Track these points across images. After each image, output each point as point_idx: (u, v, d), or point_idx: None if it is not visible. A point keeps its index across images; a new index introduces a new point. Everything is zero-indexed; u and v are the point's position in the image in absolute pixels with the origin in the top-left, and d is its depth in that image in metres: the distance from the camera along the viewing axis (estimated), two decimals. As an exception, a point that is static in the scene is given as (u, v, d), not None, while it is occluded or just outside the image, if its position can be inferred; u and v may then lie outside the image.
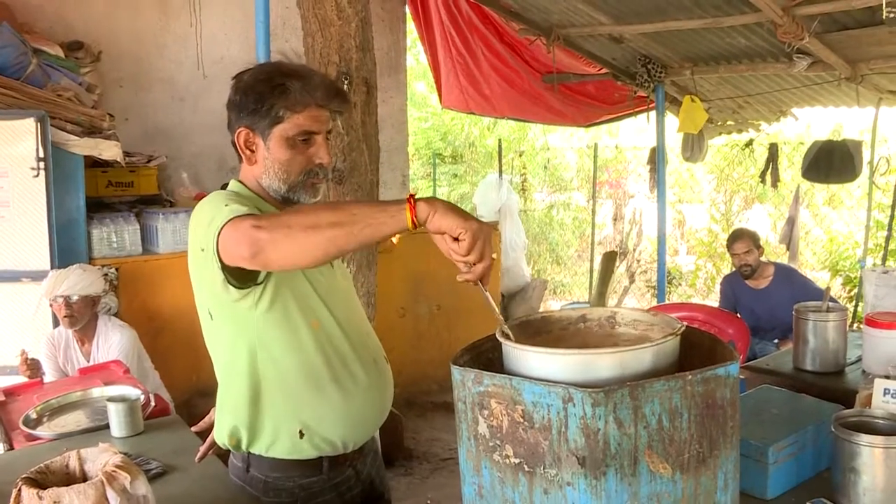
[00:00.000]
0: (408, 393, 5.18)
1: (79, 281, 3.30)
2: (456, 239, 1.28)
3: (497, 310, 1.40)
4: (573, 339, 1.51)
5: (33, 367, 3.19)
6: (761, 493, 1.70)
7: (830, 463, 1.71)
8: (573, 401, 1.18)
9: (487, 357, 1.48)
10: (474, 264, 1.28)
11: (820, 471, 1.80)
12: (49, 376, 3.39)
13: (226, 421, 1.70)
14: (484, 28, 6.12)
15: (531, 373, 1.28)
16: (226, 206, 1.48)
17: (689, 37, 5.11)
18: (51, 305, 3.40)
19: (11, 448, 2.30)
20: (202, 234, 1.51)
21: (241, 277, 1.52)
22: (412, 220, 1.28)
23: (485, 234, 1.27)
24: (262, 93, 1.63)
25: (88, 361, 3.39)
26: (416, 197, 1.30)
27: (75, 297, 3.30)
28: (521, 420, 1.24)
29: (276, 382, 1.64)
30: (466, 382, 1.32)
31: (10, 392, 2.66)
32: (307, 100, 1.62)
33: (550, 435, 1.21)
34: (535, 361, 1.29)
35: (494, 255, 1.31)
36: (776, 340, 4.49)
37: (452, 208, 1.29)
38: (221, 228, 1.42)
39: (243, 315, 1.61)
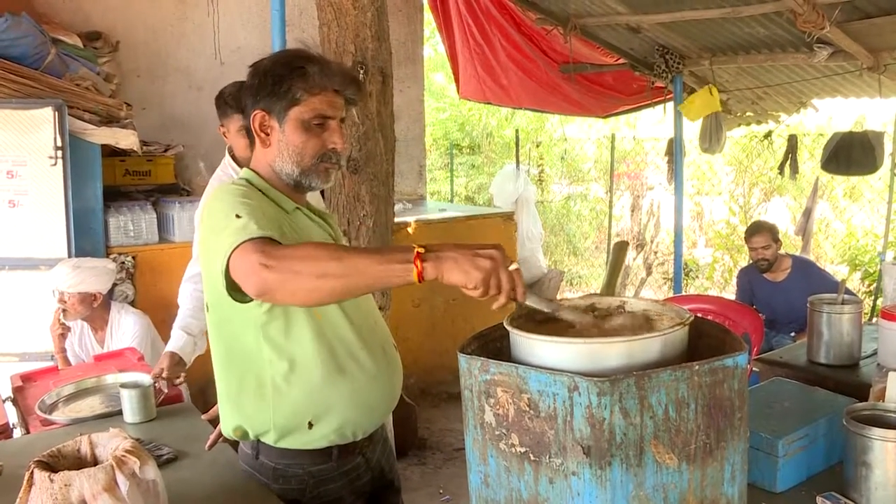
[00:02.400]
0: (422, 383, 5.19)
1: (68, 277, 3.33)
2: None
3: (546, 308, 1.39)
4: (582, 328, 1.50)
5: (62, 327, 3.33)
6: (770, 486, 1.69)
7: (842, 457, 1.70)
8: (578, 390, 1.18)
9: (496, 346, 1.48)
10: (497, 295, 1.27)
11: (831, 464, 1.78)
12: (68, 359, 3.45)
13: (230, 415, 1.71)
14: (501, 17, 6.08)
15: (538, 361, 1.28)
16: (237, 216, 1.47)
17: (707, 26, 5.06)
18: None
19: (28, 432, 2.33)
20: (209, 235, 1.53)
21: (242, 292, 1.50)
22: (419, 280, 1.28)
23: (494, 268, 1.26)
24: (282, 75, 1.64)
25: (103, 348, 3.43)
26: (425, 253, 1.27)
27: (67, 292, 3.35)
28: (527, 409, 1.24)
29: (281, 377, 1.63)
30: (473, 370, 1.32)
31: (28, 378, 2.70)
32: (325, 83, 1.64)
33: (556, 424, 1.21)
34: (542, 350, 1.29)
35: (514, 266, 1.29)
36: (793, 333, 4.45)
37: (458, 264, 1.26)
38: (233, 251, 1.41)
39: (246, 310, 1.59)
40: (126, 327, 3.48)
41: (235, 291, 1.47)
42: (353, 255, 1.36)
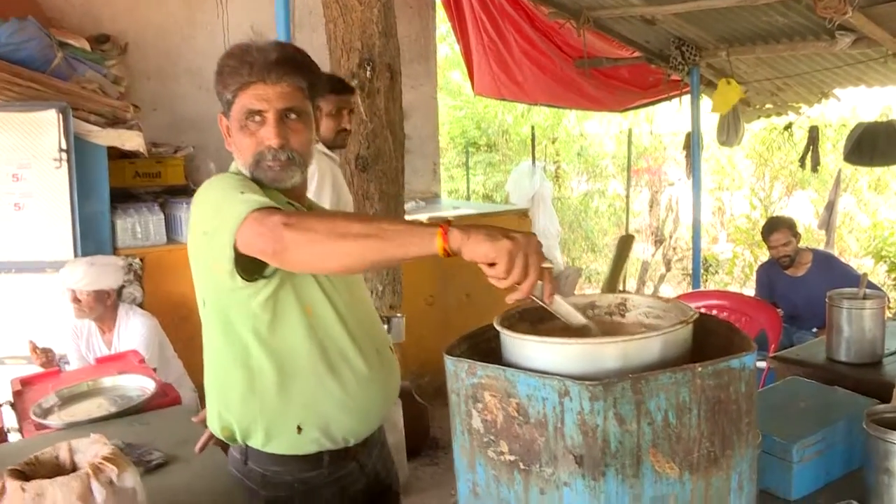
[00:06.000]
0: (436, 382, 5.12)
1: (84, 276, 3.30)
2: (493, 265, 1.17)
3: (574, 317, 1.30)
4: (580, 327, 1.42)
5: (45, 355, 3.22)
6: (785, 494, 1.60)
7: (862, 462, 1.60)
8: (569, 394, 1.10)
9: (488, 346, 1.41)
10: (520, 283, 1.17)
11: (851, 470, 1.69)
12: (74, 364, 3.42)
13: (216, 413, 1.65)
14: (514, 13, 6.02)
15: (530, 364, 1.20)
16: (241, 192, 1.43)
17: (723, 16, 4.95)
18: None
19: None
20: (209, 217, 1.47)
21: (249, 269, 1.47)
22: (444, 249, 1.20)
23: (524, 248, 1.16)
24: (215, 79, 1.60)
25: (110, 350, 3.41)
26: (453, 224, 1.21)
27: (82, 291, 3.31)
28: (516, 414, 1.16)
29: (270, 376, 1.57)
30: (459, 373, 1.25)
31: (27, 382, 2.67)
32: (240, 78, 1.55)
33: (546, 431, 1.13)
34: (533, 351, 1.21)
35: (548, 265, 1.20)
36: (815, 329, 4.33)
37: (488, 233, 1.18)
38: (245, 218, 1.36)
39: (241, 303, 1.55)
40: (134, 329, 3.46)
41: (241, 268, 1.43)
42: (376, 218, 1.34)
